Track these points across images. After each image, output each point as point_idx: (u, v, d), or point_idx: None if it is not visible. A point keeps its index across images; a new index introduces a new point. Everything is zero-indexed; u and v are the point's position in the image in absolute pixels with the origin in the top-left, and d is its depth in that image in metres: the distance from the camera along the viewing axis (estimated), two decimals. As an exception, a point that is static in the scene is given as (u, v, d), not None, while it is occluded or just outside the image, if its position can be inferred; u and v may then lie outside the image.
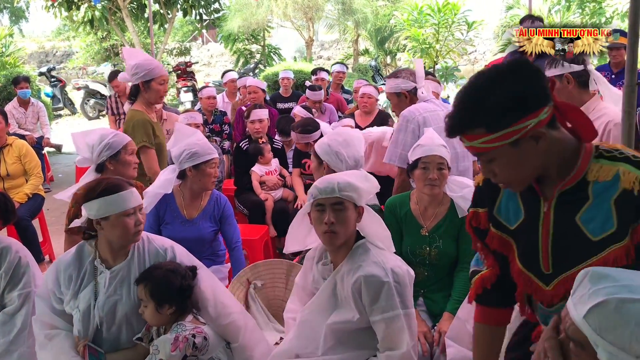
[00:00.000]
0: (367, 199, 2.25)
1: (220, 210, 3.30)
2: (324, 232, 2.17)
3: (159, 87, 3.73)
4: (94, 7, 12.93)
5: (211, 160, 3.16)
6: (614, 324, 1.15)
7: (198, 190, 3.22)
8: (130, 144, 3.19)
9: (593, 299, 1.19)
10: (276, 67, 12.28)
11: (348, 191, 2.15)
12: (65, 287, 2.32)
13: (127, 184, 2.29)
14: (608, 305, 1.17)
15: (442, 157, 2.74)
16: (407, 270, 2.19)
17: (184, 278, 2.26)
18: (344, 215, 2.16)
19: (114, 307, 2.28)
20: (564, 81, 2.98)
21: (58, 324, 2.34)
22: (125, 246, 2.31)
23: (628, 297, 1.16)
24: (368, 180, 2.26)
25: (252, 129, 4.93)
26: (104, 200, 2.20)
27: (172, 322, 2.26)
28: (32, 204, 4.82)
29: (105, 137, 3.09)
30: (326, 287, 2.24)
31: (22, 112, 7.55)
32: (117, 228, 2.23)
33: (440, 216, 2.81)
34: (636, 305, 1.15)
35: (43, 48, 27.01)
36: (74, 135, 3.19)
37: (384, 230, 2.29)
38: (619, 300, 1.16)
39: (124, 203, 2.22)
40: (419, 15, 11.79)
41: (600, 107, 3.01)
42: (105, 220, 2.23)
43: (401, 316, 2.11)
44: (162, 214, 3.21)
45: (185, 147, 3.11)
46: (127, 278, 2.30)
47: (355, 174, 2.28)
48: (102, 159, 3.07)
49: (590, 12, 13.98)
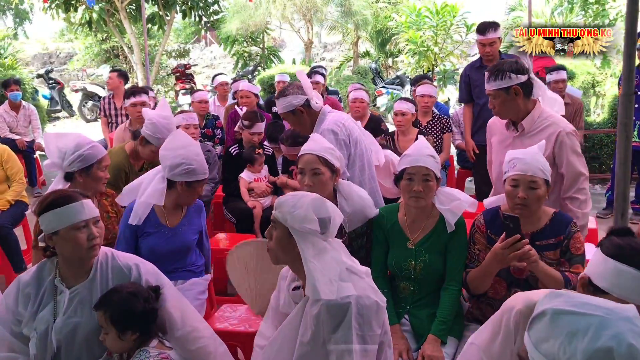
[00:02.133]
0: (296, 227, 1.96)
1: (199, 217, 3.17)
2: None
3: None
4: (91, 9, 12.84)
5: (204, 180, 3.04)
6: (547, 335, 1.11)
7: (183, 203, 3.09)
8: (105, 158, 3.06)
9: (536, 310, 1.17)
10: (272, 70, 12.17)
11: (279, 211, 2.01)
12: (23, 308, 2.18)
13: (80, 195, 2.15)
14: (544, 317, 1.13)
15: (429, 168, 2.59)
16: (375, 302, 1.96)
17: (146, 301, 2.12)
18: (275, 235, 2.04)
19: (74, 329, 2.14)
20: (511, 93, 3.02)
21: (16, 347, 2.19)
22: (82, 263, 2.18)
23: (566, 309, 1.12)
24: (308, 207, 1.98)
25: (250, 139, 4.83)
26: (53, 213, 2.08)
27: (136, 348, 2.12)
28: (15, 211, 4.68)
29: (80, 147, 2.95)
30: (295, 316, 2.06)
31: (14, 116, 7.45)
32: (68, 243, 2.10)
33: (428, 229, 2.67)
34: (572, 317, 1.10)
35: (47, 49, 26.98)
36: (47, 136, 3.05)
37: (315, 273, 1.92)
38: (555, 311, 1.12)
39: (73, 216, 2.08)
40: (417, 18, 11.67)
41: (545, 116, 3.05)
42: (56, 234, 2.10)
43: (354, 352, 1.89)
44: (143, 226, 3.01)
45: (183, 160, 2.93)
46: (87, 298, 2.17)
47: (305, 197, 2.04)
48: (72, 169, 2.94)
49: (594, 13, 13.82)
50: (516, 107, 3.05)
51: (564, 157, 3.00)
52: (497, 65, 3.10)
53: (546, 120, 3.03)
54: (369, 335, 1.93)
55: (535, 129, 3.07)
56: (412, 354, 2.50)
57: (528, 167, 2.52)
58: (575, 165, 2.99)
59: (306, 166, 2.81)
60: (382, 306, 1.99)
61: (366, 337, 1.92)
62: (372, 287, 2.03)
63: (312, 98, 3.36)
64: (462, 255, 2.64)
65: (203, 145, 5.07)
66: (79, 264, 2.18)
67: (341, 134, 3.26)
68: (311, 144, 2.90)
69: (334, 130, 3.25)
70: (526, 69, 3.01)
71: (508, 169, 2.62)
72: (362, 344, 1.91)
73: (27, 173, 6.76)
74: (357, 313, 1.90)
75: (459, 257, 2.63)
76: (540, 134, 3.03)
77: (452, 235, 2.63)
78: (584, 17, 13.67)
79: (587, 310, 1.10)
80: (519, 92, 3.00)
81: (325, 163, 2.79)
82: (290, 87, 3.40)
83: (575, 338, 1.06)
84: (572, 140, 3.00)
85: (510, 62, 3.09)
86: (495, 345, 1.88)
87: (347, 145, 3.27)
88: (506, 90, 3.02)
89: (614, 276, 1.64)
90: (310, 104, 3.35)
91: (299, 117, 3.38)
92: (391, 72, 16.87)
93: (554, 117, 3.04)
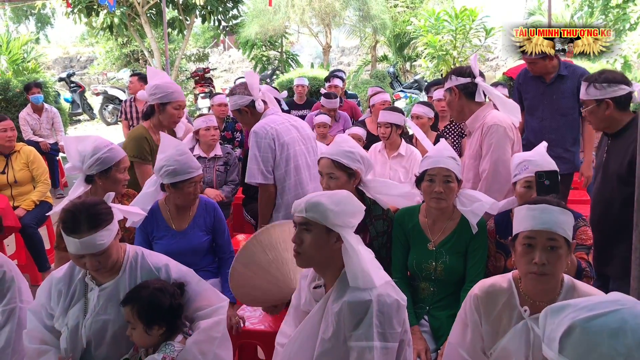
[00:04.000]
0: (341, 223, 2.02)
1: (211, 218, 3.14)
2: (293, 252, 2.10)
3: (173, 112, 3.68)
4: (112, 13, 13.03)
5: (190, 180, 2.96)
6: (588, 347, 1.10)
7: (180, 205, 3.07)
8: (124, 160, 3.07)
9: (559, 330, 1.15)
10: (291, 74, 12.22)
11: (313, 212, 2.01)
12: (55, 303, 2.26)
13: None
14: (575, 330, 1.12)
15: (449, 169, 2.61)
16: (396, 301, 1.99)
17: (172, 297, 2.17)
18: (309, 237, 2.03)
19: (103, 327, 2.21)
20: (452, 93, 3.20)
21: (48, 340, 2.27)
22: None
23: (590, 315, 1.12)
24: (347, 203, 2.05)
25: None
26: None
27: (162, 342, 2.17)
28: (39, 211, 4.78)
29: (98, 151, 2.95)
30: (316, 313, 2.10)
31: (37, 119, 7.59)
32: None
33: (449, 231, 2.69)
34: (601, 320, 1.11)
35: (68, 54, 27.39)
36: (66, 140, 3.08)
37: (360, 265, 2.00)
38: (583, 321, 1.12)
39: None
40: (436, 22, 11.65)
41: (490, 116, 3.13)
42: None
43: (375, 349, 1.93)
44: (150, 230, 3.05)
45: (165, 162, 2.94)
46: (116, 296, 2.23)
47: (336, 195, 2.08)
48: (91, 172, 2.96)
49: (614, 17, 13.70)
50: (458, 106, 3.21)
51: (485, 152, 3.10)
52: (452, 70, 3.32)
53: (484, 119, 3.12)
54: (390, 333, 1.96)
55: (477, 128, 3.14)
56: (430, 354, 2.52)
57: (541, 168, 2.56)
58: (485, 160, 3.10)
59: (323, 170, 2.88)
60: (403, 305, 2.02)
61: (387, 334, 1.95)
62: (393, 285, 2.06)
63: (257, 99, 3.50)
64: (483, 257, 2.65)
65: (223, 147, 5.13)
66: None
67: (265, 137, 3.38)
68: (331, 146, 2.95)
69: (256, 132, 3.41)
70: (470, 73, 3.14)
71: (519, 172, 2.65)
72: (382, 341, 1.94)
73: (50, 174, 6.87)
74: (378, 311, 1.94)
75: (480, 258, 2.64)
76: (477, 132, 3.13)
77: (472, 237, 2.64)
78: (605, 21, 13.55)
79: (606, 309, 1.12)
80: (457, 93, 3.17)
81: (340, 167, 2.82)
82: (239, 87, 3.54)
83: (618, 337, 1.07)
84: (493, 136, 3.06)
85: (458, 67, 3.29)
86: (467, 336, 2.06)
87: (272, 148, 3.39)
88: (449, 91, 3.21)
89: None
90: (254, 105, 3.49)
91: (244, 116, 3.55)
92: (409, 76, 16.84)
93: (491, 115, 3.11)
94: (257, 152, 3.38)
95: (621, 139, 2.96)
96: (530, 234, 1.92)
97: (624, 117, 2.96)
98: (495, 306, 2.01)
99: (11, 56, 13.60)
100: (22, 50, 14.52)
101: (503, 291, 2.02)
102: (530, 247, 1.92)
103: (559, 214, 1.92)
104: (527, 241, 1.93)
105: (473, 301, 2.05)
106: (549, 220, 1.91)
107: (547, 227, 1.90)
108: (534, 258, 1.90)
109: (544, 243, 1.90)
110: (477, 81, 3.13)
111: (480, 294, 2.04)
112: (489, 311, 2.02)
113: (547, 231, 1.90)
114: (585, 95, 2.99)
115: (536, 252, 1.90)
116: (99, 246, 2.12)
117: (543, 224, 1.90)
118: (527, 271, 1.92)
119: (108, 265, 2.19)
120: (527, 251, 1.93)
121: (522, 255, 1.94)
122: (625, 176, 2.86)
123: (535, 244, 1.91)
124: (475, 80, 3.13)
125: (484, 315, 2.02)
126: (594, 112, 2.99)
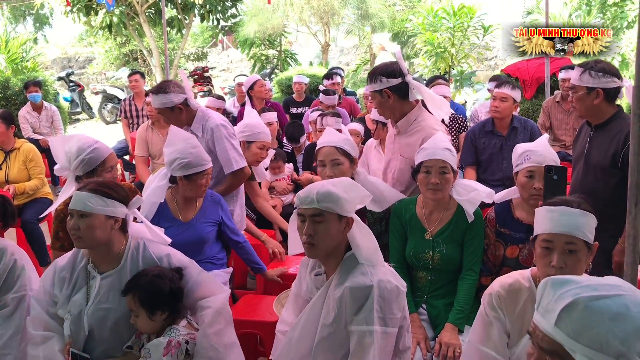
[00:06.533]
0: (351, 209, 2.10)
1: (217, 209, 3.19)
2: (304, 243, 2.10)
3: (257, 151, 3.90)
4: (111, 12, 13.06)
5: (203, 172, 3.03)
6: (587, 325, 1.11)
7: (190, 197, 3.12)
8: (109, 159, 3.02)
9: (560, 303, 1.15)
10: (290, 72, 12.27)
11: (327, 202, 2.04)
12: (59, 290, 2.30)
13: None
14: (577, 306, 1.13)
15: (445, 160, 2.65)
16: (396, 287, 2.04)
17: (172, 281, 2.22)
18: (324, 227, 2.05)
19: (105, 315, 2.25)
20: (384, 96, 3.04)
21: (52, 327, 2.31)
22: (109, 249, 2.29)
23: (594, 295, 1.13)
24: (354, 189, 2.12)
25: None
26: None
27: (166, 327, 2.22)
28: (40, 207, 4.80)
29: (82, 152, 2.90)
30: (317, 300, 2.14)
31: (36, 117, 7.61)
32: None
33: (445, 221, 2.73)
34: (604, 302, 1.11)
35: (66, 54, 27.43)
36: (52, 141, 3.06)
37: (370, 243, 2.12)
38: (586, 299, 1.12)
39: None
40: (434, 19, 11.67)
41: (420, 119, 3.07)
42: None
43: (375, 333, 1.97)
44: (156, 221, 3.06)
45: (178, 155, 2.98)
46: (118, 285, 2.27)
47: (341, 182, 2.13)
48: (79, 173, 2.93)
49: (612, 16, 13.76)
50: (391, 108, 3.07)
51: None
52: (373, 70, 3.14)
53: (418, 124, 3.05)
54: (390, 318, 2.01)
55: (410, 130, 3.08)
56: (429, 342, 2.56)
57: (543, 158, 2.61)
58: None
59: (326, 158, 2.93)
60: (403, 291, 2.07)
61: (387, 319, 2.00)
62: (393, 272, 2.11)
63: (190, 98, 3.62)
64: (479, 246, 2.69)
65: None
66: (106, 251, 2.29)
67: (230, 126, 3.65)
68: (327, 136, 3.03)
69: (223, 125, 3.59)
70: (399, 72, 3.00)
71: (521, 162, 2.69)
72: (382, 326, 1.99)
73: (50, 172, 6.91)
74: (378, 296, 1.99)
75: (476, 247, 2.68)
76: (413, 135, 3.06)
77: (469, 226, 2.68)
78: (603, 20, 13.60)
79: (610, 292, 1.13)
80: (390, 95, 3.01)
81: (344, 153, 2.96)
82: (171, 85, 3.58)
83: (618, 321, 1.09)
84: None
85: (383, 66, 3.10)
86: (492, 333, 2.04)
87: (234, 136, 3.66)
88: (380, 93, 3.04)
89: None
90: (188, 103, 3.58)
91: (177, 114, 3.58)
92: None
93: (425, 122, 3.05)
94: (231, 140, 3.59)
95: (605, 130, 3.01)
96: (549, 237, 1.92)
97: (609, 109, 3.01)
98: (518, 303, 2.03)
99: (10, 55, 13.58)
100: (21, 50, 14.52)
101: (524, 289, 2.03)
102: (549, 249, 1.92)
103: (578, 217, 1.90)
104: (546, 244, 1.93)
105: (495, 299, 2.05)
106: (568, 223, 1.89)
107: (566, 231, 1.89)
108: (552, 261, 1.90)
109: (562, 247, 1.90)
110: (408, 80, 3.02)
111: (502, 292, 2.05)
112: (512, 308, 2.04)
113: (565, 235, 1.89)
114: (578, 81, 3.01)
115: (554, 255, 1.90)
116: (85, 206, 2.19)
117: (562, 227, 1.89)
118: (545, 273, 1.90)
119: (87, 237, 2.21)
120: (545, 253, 1.93)
121: (541, 257, 1.95)
122: (608, 168, 2.90)
123: (553, 247, 1.91)
124: (406, 79, 3.01)
125: (507, 313, 2.04)
126: (582, 99, 3.01)
